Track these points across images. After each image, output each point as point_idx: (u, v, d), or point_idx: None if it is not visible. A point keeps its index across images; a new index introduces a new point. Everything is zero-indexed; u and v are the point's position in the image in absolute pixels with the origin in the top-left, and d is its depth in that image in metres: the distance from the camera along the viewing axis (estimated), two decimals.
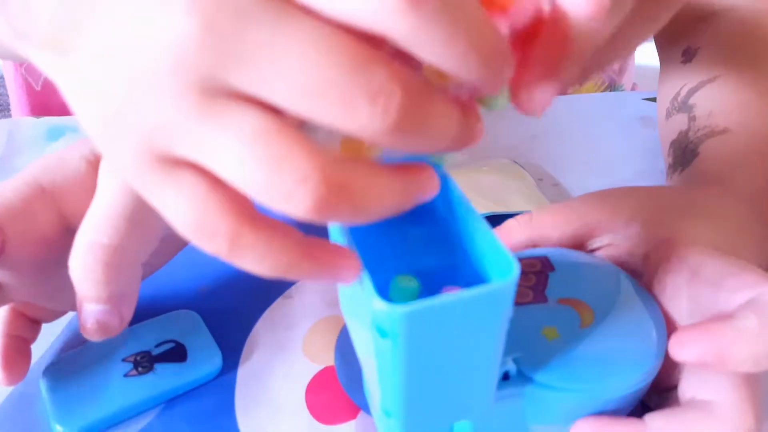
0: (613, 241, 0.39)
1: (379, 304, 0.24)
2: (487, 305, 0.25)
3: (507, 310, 0.26)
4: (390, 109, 0.20)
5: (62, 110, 0.78)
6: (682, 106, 0.54)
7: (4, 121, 0.63)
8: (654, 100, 0.66)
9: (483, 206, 0.49)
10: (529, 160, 0.58)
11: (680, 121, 0.53)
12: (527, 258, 0.37)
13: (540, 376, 0.31)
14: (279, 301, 0.45)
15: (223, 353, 0.40)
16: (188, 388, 0.39)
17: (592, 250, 0.40)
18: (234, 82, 0.21)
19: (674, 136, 0.52)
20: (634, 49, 0.30)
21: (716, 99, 0.52)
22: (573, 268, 0.37)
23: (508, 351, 0.30)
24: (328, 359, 0.41)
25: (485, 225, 0.27)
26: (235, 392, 0.39)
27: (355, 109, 0.20)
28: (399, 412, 0.28)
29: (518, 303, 0.34)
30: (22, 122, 0.63)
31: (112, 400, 0.38)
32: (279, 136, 0.21)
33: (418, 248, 0.31)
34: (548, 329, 0.32)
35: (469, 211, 0.28)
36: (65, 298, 0.37)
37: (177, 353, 0.40)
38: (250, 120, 0.21)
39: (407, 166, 0.24)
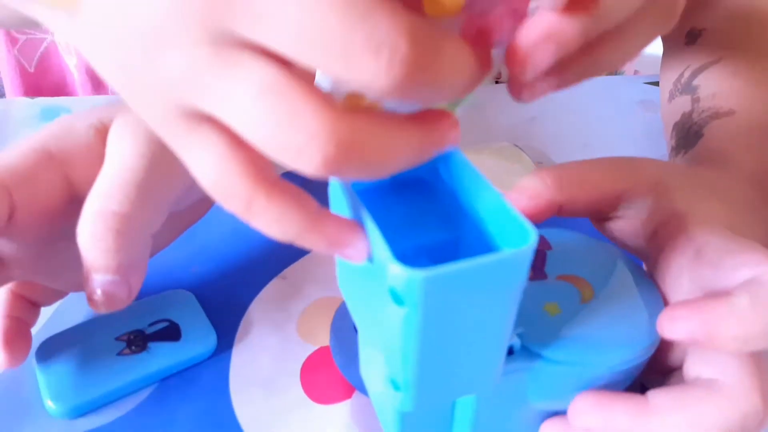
0: (625, 214, 0.38)
1: (397, 269, 0.23)
2: (504, 273, 0.25)
3: (523, 278, 0.26)
4: (395, 62, 0.20)
5: (54, 92, 0.77)
6: (686, 87, 0.53)
7: None
8: (655, 84, 0.66)
9: None
10: (528, 143, 0.58)
11: (684, 103, 0.52)
12: None
13: (545, 351, 0.31)
14: (274, 281, 0.45)
15: (217, 333, 0.40)
16: (182, 368, 0.39)
17: (611, 218, 0.39)
18: (241, 30, 0.21)
19: (677, 118, 0.52)
20: (646, 46, 0.30)
21: (720, 80, 0.51)
22: (569, 247, 0.36)
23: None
24: (323, 339, 0.41)
25: (497, 193, 0.27)
26: (230, 372, 0.39)
27: (358, 63, 0.20)
28: (409, 384, 0.28)
29: None
30: (16, 102, 0.63)
31: (105, 379, 0.37)
32: (288, 89, 0.21)
33: (427, 220, 0.31)
34: (550, 305, 0.32)
35: (478, 180, 0.27)
36: (67, 277, 0.37)
37: (171, 332, 0.40)
38: (261, 72, 0.21)
39: (425, 114, 0.24)
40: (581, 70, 0.27)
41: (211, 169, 0.23)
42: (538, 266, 0.34)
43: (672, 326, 0.30)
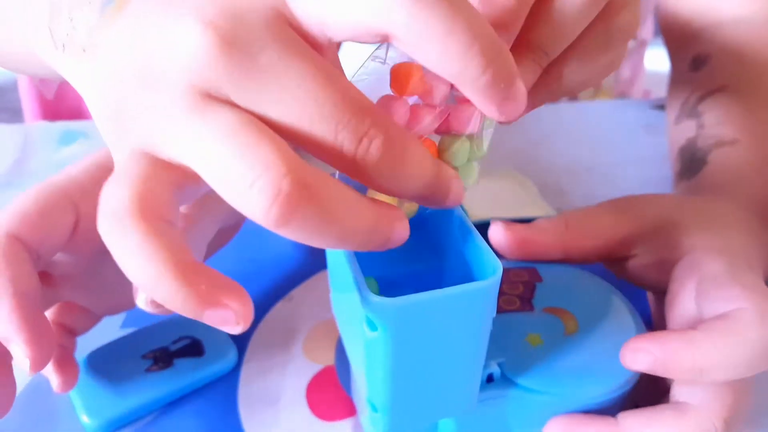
0: (633, 255, 0.40)
1: (371, 298, 0.26)
2: (470, 303, 0.27)
3: (490, 309, 0.28)
4: (372, 150, 0.22)
5: (72, 116, 0.80)
6: (691, 113, 0.54)
7: (19, 126, 0.66)
8: (661, 108, 0.67)
9: (485, 212, 0.51)
10: (532, 167, 0.59)
11: (689, 128, 0.54)
12: (516, 269, 0.39)
13: (522, 380, 0.32)
14: (281, 303, 0.47)
15: None
16: (207, 381, 0.41)
17: (621, 260, 0.41)
18: (234, 97, 0.23)
19: (682, 142, 0.53)
20: (607, 67, 0.32)
21: (725, 108, 0.52)
22: (560, 280, 0.38)
23: (493, 355, 0.33)
24: (329, 359, 0.43)
25: (474, 230, 0.29)
26: (239, 389, 0.41)
27: (342, 147, 0.22)
28: (385, 406, 0.30)
29: (505, 310, 0.35)
30: (37, 127, 0.66)
31: (137, 394, 0.39)
32: (252, 129, 0.22)
33: (413, 250, 0.32)
34: (532, 336, 0.34)
35: (461, 218, 0.30)
36: (109, 300, 0.39)
37: (194, 349, 0.42)
38: (230, 116, 0.23)
39: (382, 203, 0.25)
40: (544, 95, 0.31)
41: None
42: (527, 298, 0.36)
43: (633, 357, 0.32)
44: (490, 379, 0.32)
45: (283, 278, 0.48)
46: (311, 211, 0.22)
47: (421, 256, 0.33)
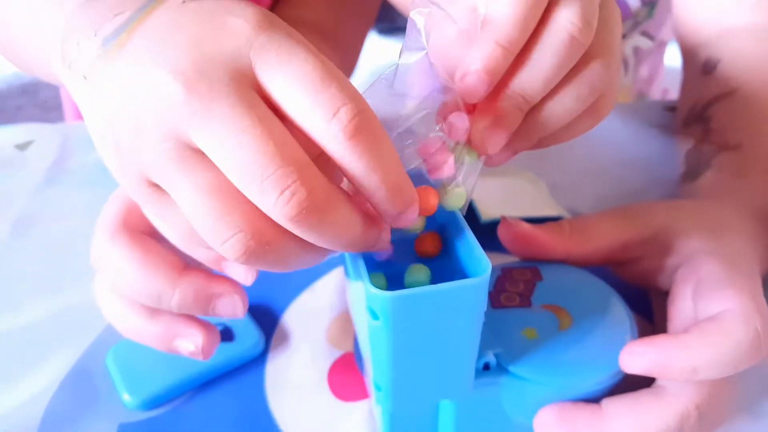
0: (636, 259, 0.42)
1: (372, 290, 0.29)
2: (462, 298, 0.31)
3: (480, 304, 0.31)
4: (292, 205, 0.26)
5: None
6: (699, 117, 0.56)
7: (59, 125, 0.69)
8: (674, 109, 0.66)
9: (496, 210, 0.52)
10: (542, 167, 0.60)
11: (696, 132, 0.55)
12: (520, 268, 0.41)
13: (516, 369, 0.35)
14: (305, 294, 0.49)
15: None
16: (237, 365, 0.44)
17: (624, 264, 0.43)
18: (194, 139, 0.27)
19: (689, 145, 0.55)
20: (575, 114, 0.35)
21: (732, 113, 0.54)
22: (560, 280, 0.41)
23: (490, 346, 0.36)
24: (348, 346, 0.45)
25: (468, 231, 0.33)
26: (265, 373, 0.44)
27: (265, 195, 0.26)
28: (388, 387, 0.33)
29: (505, 306, 0.38)
30: (76, 127, 0.68)
31: (172, 375, 0.43)
32: (225, 191, 0.27)
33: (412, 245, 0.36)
34: (528, 330, 0.37)
35: (459, 220, 0.34)
36: None
37: (225, 334, 0.45)
38: (207, 174, 0.27)
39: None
40: (522, 141, 0.34)
41: (178, 229, 0.30)
42: (526, 295, 0.39)
43: (631, 361, 0.34)
44: (486, 367, 0.35)
45: (307, 271, 0.50)
46: (271, 259, 0.28)
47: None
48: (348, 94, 0.26)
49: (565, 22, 0.32)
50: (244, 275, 0.35)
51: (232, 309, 0.36)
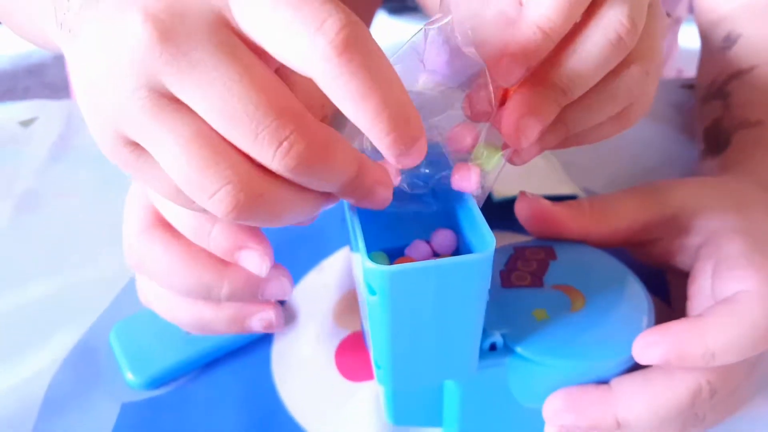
0: (655, 239, 0.41)
1: (369, 265, 0.28)
2: (463, 274, 0.29)
3: (483, 281, 0.30)
4: (291, 156, 0.24)
5: None
6: (719, 93, 0.55)
7: (64, 102, 0.68)
8: (690, 87, 0.66)
9: (510, 188, 0.51)
10: None
11: (715, 108, 0.54)
12: (533, 247, 0.40)
13: (523, 350, 0.34)
14: (312, 273, 0.49)
15: None
16: (243, 343, 0.44)
17: (644, 244, 0.42)
18: (172, 88, 0.25)
19: (708, 122, 0.54)
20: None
21: (752, 89, 0.53)
22: (575, 260, 0.39)
23: (498, 326, 0.35)
24: (356, 325, 0.45)
25: (475, 206, 0.32)
26: (272, 351, 0.44)
27: (262, 148, 0.24)
28: (387, 364, 0.33)
29: (515, 285, 0.37)
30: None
31: (177, 354, 0.42)
32: (211, 142, 0.25)
33: (430, 223, 0.35)
34: (539, 311, 0.36)
35: (466, 195, 0.32)
36: None
37: None
38: (189, 124, 0.25)
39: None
40: (551, 138, 0.33)
41: (164, 188, 0.28)
42: (538, 275, 0.38)
43: (647, 352, 0.33)
44: (493, 347, 0.34)
45: (314, 249, 0.50)
46: (263, 212, 0.26)
47: (438, 226, 0.35)
48: (334, 6, 0.24)
49: (614, 20, 0.30)
50: (258, 265, 0.34)
51: (281, 291, 0.36)
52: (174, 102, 0.25)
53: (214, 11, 0.25)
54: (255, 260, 0.34)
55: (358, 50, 0.24)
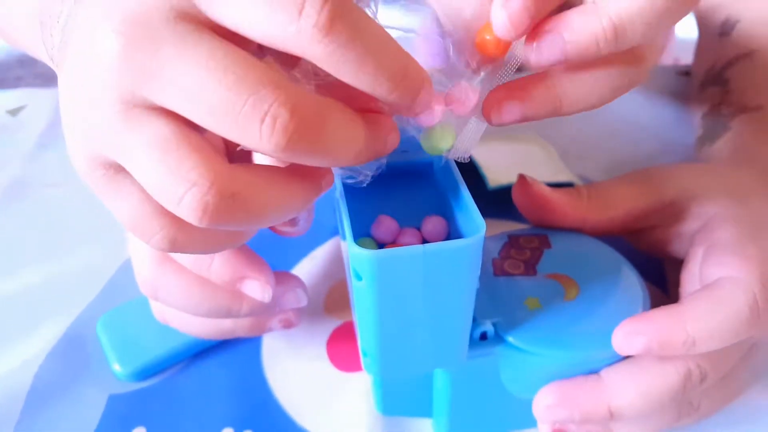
0: (652, 226, 0.41)
1: (354, 249, 0.28)
2: (452, 260, 0.29)
3: (473, 266, 0.29)
4: (278, 130, 0.23)
5: None
6: (717, 79, 0.54)
7: (53, 90, 0.67)
8: (687, 74, 0.66)
9: (505, 176, 0.50)
10: (554, 132, 0.58)
11: (713, 95, 0.54)
12: (528, 235, 0.40)
13: (514, 339, 0.34)
14: (304, 261, 0.48)
15: None
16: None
17: (642, 231, 0.41)
18: (147, 95, 0.24)
19: (706, 108, 0.53)
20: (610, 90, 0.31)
21: (751, 75, 0.52)
22: (570, 248, 0.39)
23: (489, 315, 0.34)
24: (347, 315, 0.45)
25: (466, 191, 0.31)
26: (262, 342, 0.43)
27: (246, 130, 0.23)
28: (374, 352, 0.32)
29: (508, 274, 0.37)
30: None
31: (165, 345, 0.42)
32: (178, 143, 0.24)
33: (417, 208, 0.34)
34: (531, 300, 0.35)
35: (458, 180, 0.31)
36: None
37: None
38: (161, 127, 0.24)
39: (304, 168, 0.27)
40: (538, 105, 0.30)
41: (128, 215, 0.27)
42: (531, 264, 0.37)
43: (629, 342, 0.32)
44: (484, 336, 0.34)
45: (306, 237, 0.48)
46: (240, 214, 0.25)
47: (427, 211, 0.34)
48: None
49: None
50: (261, 294, 0.35)
51: (297, 301, 0.38)
52: (148, 110, 0.25)
53: (175, 8, 0.24)
54: (257, 290, 0.35)
55: (344, 23, 0.23)
